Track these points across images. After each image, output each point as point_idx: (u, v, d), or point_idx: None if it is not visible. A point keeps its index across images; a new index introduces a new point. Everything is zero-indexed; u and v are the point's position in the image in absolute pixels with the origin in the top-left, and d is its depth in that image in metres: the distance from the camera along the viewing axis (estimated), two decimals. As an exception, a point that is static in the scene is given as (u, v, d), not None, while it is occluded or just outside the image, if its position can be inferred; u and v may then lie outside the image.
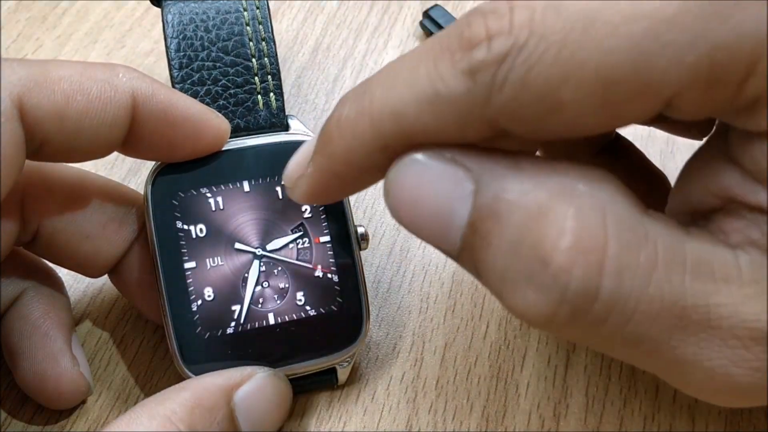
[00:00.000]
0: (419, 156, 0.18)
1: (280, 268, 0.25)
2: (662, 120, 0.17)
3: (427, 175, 0.18)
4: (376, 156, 0.19)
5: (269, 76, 0.27)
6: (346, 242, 0.26)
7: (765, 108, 0.16)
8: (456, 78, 0.17)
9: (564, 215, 0.16)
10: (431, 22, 0.38)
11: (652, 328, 0.16)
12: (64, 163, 0.26)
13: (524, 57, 0.16)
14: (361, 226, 0.26)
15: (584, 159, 0.18)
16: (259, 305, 0.25)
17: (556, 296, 0.16)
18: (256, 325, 0.25)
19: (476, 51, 0.16)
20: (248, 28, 0.27)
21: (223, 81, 0.26)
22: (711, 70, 0.15)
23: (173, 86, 0.26)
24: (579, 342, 0.27)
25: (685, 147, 0.33)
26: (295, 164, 0.21)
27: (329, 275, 0.26)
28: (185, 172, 0.25)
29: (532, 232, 0.16)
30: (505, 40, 0.16)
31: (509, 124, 0.17)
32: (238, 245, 0.25)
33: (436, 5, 0.39)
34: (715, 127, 0.20)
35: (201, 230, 0.25)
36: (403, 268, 0.31)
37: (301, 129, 0.27)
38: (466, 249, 0.18)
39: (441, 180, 0.18)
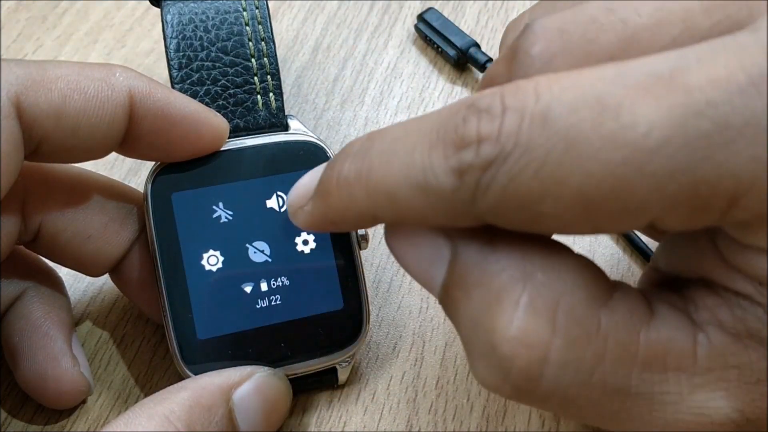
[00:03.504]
0: None
1: (280, 268, 0.25)
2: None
3: (416, 235, 0.19)
4: (368, 220, 0.20)
5: (269, 76, 0.27)
6: (346, 242, 0.26)
7: (752, 230, 0.16)
8: (446, 174, 0.17)
9: (515, 305, 0.17)
10: (426, 26, 0.38)
11: (594, 411, 0.17)
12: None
13: (508, 167, 0.16)
14: (360, 225, 0.26)
15: None
16: (260, 305, 0.25)
17: (501, 376, 0.17)
18: (256, 325, 0.25)
19: (466, 152, 0.16)
20: (248, 28, 0.27)
21: (223, 81, 0.26)
22: (692, 200, 0.15)
23: (173, 86, 0.26)
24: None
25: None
26: (298, 194, 0.22)
27: (329, 275, 0.26)
28: (185, 171, 0.25)
29: (487, 315, 0.17)
30: (492, 147, 0.16)
31: (495, 223, 0.17)
32: (237, 245, 0.25)
33: (430, 8, 0.39)
34: None
35: (201, 230, 0.25)
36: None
37: (301, 129, 0.27)
38: (443, 305, 0.19)
39: (425, 242, 0.19)
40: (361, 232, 0.26)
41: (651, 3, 0.17)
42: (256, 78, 0.27)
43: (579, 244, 0.30)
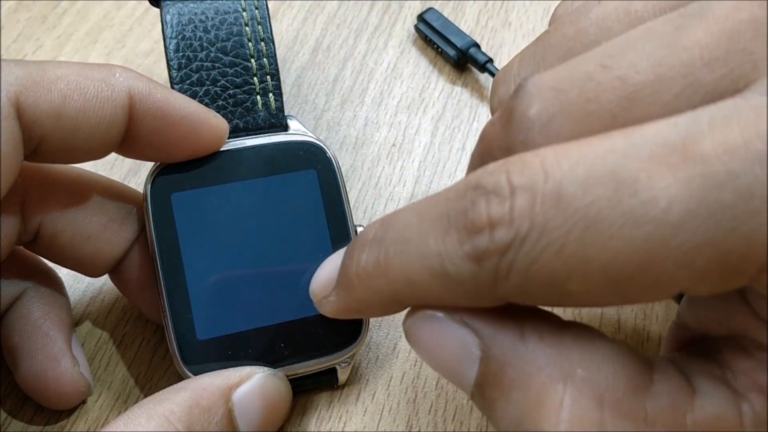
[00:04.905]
0: (433, 311, 0.18)
1: (280, 268, 0.25)
2: None
3: (440, 332, 0.18)
4: (393, 306, 0.19)
5: (268, 77, 0.27)
6: (346, 242, 0.26)
7: None
8: (462, 260, 0.16)
9: (560, 407, 0.16)
10: (426, 26, 0.38)
11: None
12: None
13: (527, 249, 0.15)
14: (360, 226, 0.26)
15: None
16: (259, 305, 0.25)
17: None
18: (256, 325, 0.25)
19: (479, 238, 0.16)
20: (247, 28, 0.27)
21: (222, 81, 0.26)
22: (722, 270, 0.15)
23: (172, 87, 0.26)
24: None
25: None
26: (320, 284, 0.22)
27: (329, 275, 0.26)
28: (184, 172, 0.25)
29: (530, 418, 0.17)
30: (506, 232, 0.16)
31: (521, 302, 0.17)
32: (237, 245, 0.25)
33: (430, 9, 0.39)
34: None
35: (201, 230, 0.25)
36: (403, 268, 0.31)
37: (301, 129, 0.27)
38: (476, 403, 0.19)
39: (452, 340, 0.18)
40: (360, 231, 0.26)
41: (648, 59, 0.16)
42: (255, 78, 0.27)
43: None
